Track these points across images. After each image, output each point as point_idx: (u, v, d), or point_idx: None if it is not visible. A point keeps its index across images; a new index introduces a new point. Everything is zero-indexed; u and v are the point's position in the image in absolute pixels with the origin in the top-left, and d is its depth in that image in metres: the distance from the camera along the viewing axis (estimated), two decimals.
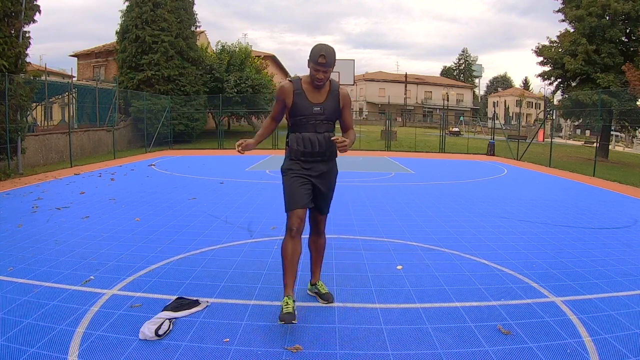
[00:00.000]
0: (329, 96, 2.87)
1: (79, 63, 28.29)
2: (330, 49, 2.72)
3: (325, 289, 3.18)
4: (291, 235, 2.73)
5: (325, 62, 2.69)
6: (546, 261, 4.14)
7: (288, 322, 2.55)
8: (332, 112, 2.88)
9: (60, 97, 18.07)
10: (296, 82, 2.86)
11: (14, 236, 4.67)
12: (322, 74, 2.73)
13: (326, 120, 2.86)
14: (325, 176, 2.93)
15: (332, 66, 2.75)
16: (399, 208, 6.63)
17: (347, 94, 2.98)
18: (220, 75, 23.24)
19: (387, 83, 58.89)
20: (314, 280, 3.20)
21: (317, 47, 2.71)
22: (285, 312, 2.57)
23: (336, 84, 2.95)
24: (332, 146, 2.88)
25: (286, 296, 2.66)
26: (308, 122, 2.82)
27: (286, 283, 2.71)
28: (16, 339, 2.49)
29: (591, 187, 9.98)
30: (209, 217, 5.80)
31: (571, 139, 41.95)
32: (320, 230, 3.11)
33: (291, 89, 2.83)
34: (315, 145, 2.82)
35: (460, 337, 2.62)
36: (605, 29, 17.98)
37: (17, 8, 9.79)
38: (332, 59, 2.71)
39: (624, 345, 2.55)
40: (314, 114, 2.82)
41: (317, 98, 2.84)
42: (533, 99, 65.23)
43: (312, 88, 2.84)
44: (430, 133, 33.08)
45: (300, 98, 2.82)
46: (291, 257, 2.71)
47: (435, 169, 13.33)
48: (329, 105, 2.86)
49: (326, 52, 2.69)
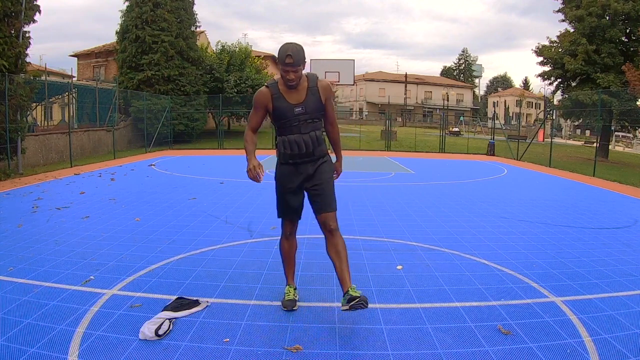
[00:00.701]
0: (308, 93, 2.76)
1: (79, 63, 28.29)
2: (297, 46, 2.63)
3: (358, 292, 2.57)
4: (285, 237, 3.04)
5: (293, 62, 2.60)
6: (546, 261, 4.14)
7: (289, 308, 2.92)
8: (315, 110, 2.78)
9: (60, 97, 18.06)
10: (272, 86, 2.77)
11: (14, 236, 4.67)
12: (292, 74, 2.64)
13: (310, 119, 2.77)
14: (316, 175, 2.83)
15: (302, 64, 2.66)
16: (399, 208, 6.63)
17: (327, 86, 2.84)
18: (220, 75, 23.24)
19: (387, 83, 58.89)
20: (344, 287, 2.63)
21: (283, 48, 2.62)
22: (287, 299, 3.00)
23: (314, 78, 2.82)
24: (320, 144, 2.82)
25: (287, 285, 3.09)
26: (292, 125, 2.75)
27: (287, 275, 3.11)
28: (16, 339, 2.49)
29: (591, 187, 9.98)
30: (209, 217, 5.80)
31: (571, 139, 41.96)
32: (331, 228, 2.78)
33: (269, 94, 2.75)
34: (302, 146, 2.76)
35: (460, 337, 2.62)
36: (605, 29, 17.98)
37: (17, 8, 9.79)
38: (299, 57, 2.62)
39: (624, 345, 2.55)
40: (296, 115, 2.74)
41: (296, 98, 2.75)
42: (533, 99, 65.22)
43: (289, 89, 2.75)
44: (430, 133, 33.07)
45: (280, 101, 2.74)
46: (288, 252, 3.07)
47: (435, 169, 13.33)
48: (310, 103, 2.76)
49: (292, 51, 2.59)
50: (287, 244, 3.04)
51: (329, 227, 2.79)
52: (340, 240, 2.80)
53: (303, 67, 2.70)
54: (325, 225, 2.80)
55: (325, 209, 2.81)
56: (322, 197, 2.82)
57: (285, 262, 3.09)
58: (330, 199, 2.84)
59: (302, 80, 2.76)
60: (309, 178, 2.84)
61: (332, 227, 2.79)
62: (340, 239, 2.81)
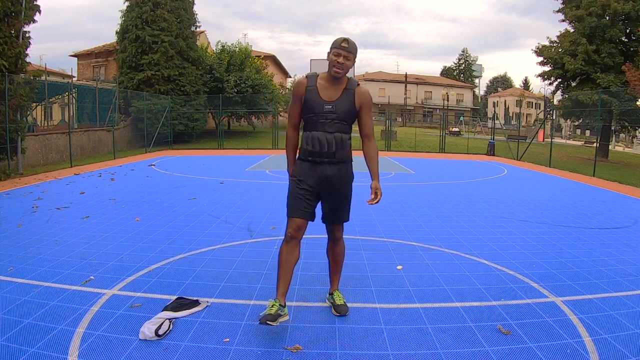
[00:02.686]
0: (343, 94, 2.69)
1: (79, 63, 28.29)
2: (354, 42, 2.67)
3: (342, 299, 2.96)
4: (286, 241, 2.68)
5: (348, 47, 2.60)
6: (546, 261, 4.14)
7: (264, 322, 2.44)
8: (345, 112, 2.67)
9: (60, 97, 18.07)
10: (311, 77, 2.73)
11: (14, 236, 4.67)
12: (343, 58, 2.59)
13: (338, 120, 2.66)
14: (334, 181, 2.70)
15: (354, 54, 2.65)
16: (399, 208, 6.63)
17: (365, 93, 2.74)
18: (220, 75, 23.25)
19: (387, 83, 58.88)
20: (331, 289, 3.05)
21: (340, 37, 2.65)
22: (267, 312, 2.49)
23: (354, 82, 2.76)
24: (343, 148, 2.70)
25: (273, 300, 2.58)
26: (318, 121, 2.66)
27: (278, 288, 2.62)
28: (16, 339, 2.49)
29: (591, 187, 9.97)
30: (209, 217, 5.80)
31: (571, 139, 41.97)
32: (336, 237, 2.89)
33: (304, 84, 2.71)
34: (324, 145, 2.65)
35: (460, 337, 2.62)
36: (605, 29, 17.98)
37: (17, 8, 9.79)
38: (354, 48, 2.64)
39: (624, 345, 2.55)
40: (324, 112, 2.65)
41: (330, 95, 2.67)
42: (533, 99, 65.21)
43: (328, 84, 2.68)
44: (430, 133, 33.07)
45: (312, 94, 2.67)
46: (284, 262, 2.63)
47: (435, 169, 13.33)
48: (342, 104, 2.67)
49: (349, 40, 2.63)
50: (285, 252, 2.65)
51: (335, 236, 2.92)
52: (341, 247, 2.97)
53: (353, 62, 2.67)
54: (333, 233, 2.91)
55: (336, 221, 2.86)
56: (338, 208, 2.81)
57: (280, 270, 2.63)
58: (345, 210, 2.84)
59: (343, 79, 2.71)
60: (328, 183, 2.70)
61: (337, 237, 2.92)
62: (342, 246, 2.97)
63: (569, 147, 27.65)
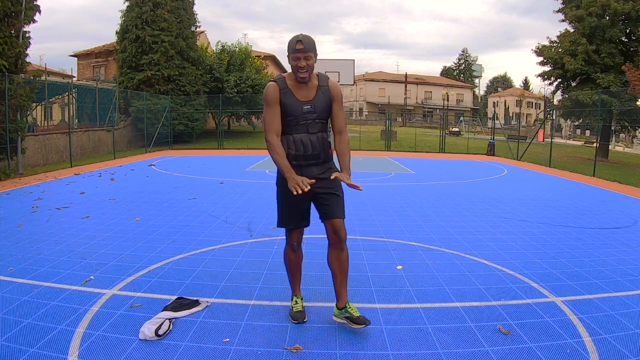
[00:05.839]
0: (318, 92, 2.61)
1: (79, 63, 28.28)
2: (308, 36, 2.53)
3: (357, 311, 2.65)
4: (292, 247, 2.81)
5: (304, 47, 2.46)
6: (546, 261, 4.14)
7: (300, 320, 2.74)
8: (324, 110, 2.63)
9: (60, 97, 18.07)
10: (280, 80, 2.60)
11: (14, 236, 4.67)
12: (303, 60, 2.48)
13: (318, 119, 2.61)
14: (322, 180, 2.60)
15: (313, 52, 2.52)
16: (399, 208, 6.63)
17: (337, 85, 2.70)
18: (220, 75, 23.24)
19: (387, 83, 58.90)
20: (341, 304, 2.69)
21: (293, 37, 2.52)
22: (296, 310, 2.81)
23: (325, 77, 2.68)
24: (328, 147, 2.67)
25: (295, 296, 2.91)
26: (299, 123, 2.57)
27: (292, 286, 2.93)
28: (16, 339, 2.49)
29: (591, 187, 9.97)
30: (209, 217, 5.80)
31: (571, 139, 41.95)
32: (341, 239, 2.63)
33: (277, 88, 2.57)
34: (309, 147, 2.58)
35: (460, 337, 2.62)
36: (605, 29, 17.97)
37: (17, 8, 9.80)
38: (310, 44, 2.50)
39: (624, 345, 2.55)
40: (304, 113, 2.57)
41: (306, 95, 2.59)
42: (533, 99, 65.22)
43: (299, 84, 2.58)
44: (430, 133, 33.08)
45: (288, 97, 2.56)
46: (294, 263, 2.86)
47: (435, 169, 13.33)
48: (319, 102, 2.60)
49: (302, 37, 2.49)
50: (294, 255, 2.81)
51: (340, 235, 2.62)
52: (346, 253, 2.69)
53: (315, 58, 2.55)
54: (337, 232, 2.62)
55: (336, 215, 2.62)
56: (333, 202, 2.63)
57: (290, 273, 2.87)
58: (341, 204, 2.68)
59: (312, 77, 2.62)
60: (317, 184, 2.53)
61: (342, 236, 2.63)
62: (346, 251, 2.69)
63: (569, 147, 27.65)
